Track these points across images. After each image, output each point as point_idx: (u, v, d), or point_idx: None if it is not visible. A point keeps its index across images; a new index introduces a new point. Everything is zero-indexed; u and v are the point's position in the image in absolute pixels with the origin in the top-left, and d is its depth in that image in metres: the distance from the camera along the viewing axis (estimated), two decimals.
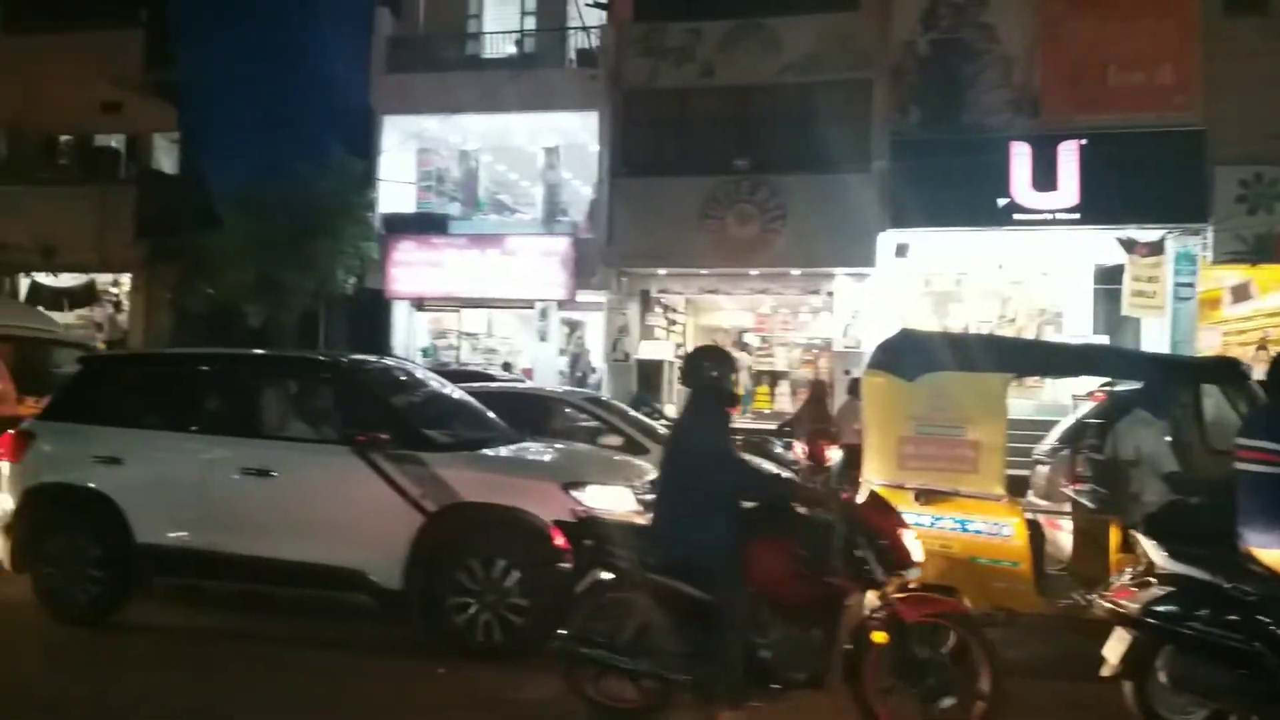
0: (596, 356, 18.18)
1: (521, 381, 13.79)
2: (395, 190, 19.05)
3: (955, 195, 14.81)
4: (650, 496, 5.50)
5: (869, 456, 6.41)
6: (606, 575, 4.90)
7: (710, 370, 4.95)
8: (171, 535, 6.50)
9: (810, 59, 16.51)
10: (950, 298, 17.28)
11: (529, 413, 8.78)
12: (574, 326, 18.96)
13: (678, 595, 4.63)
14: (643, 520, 5.23)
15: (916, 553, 4.64)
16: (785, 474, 7.22)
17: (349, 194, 17.99)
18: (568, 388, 14.28)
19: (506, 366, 17.11)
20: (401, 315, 19.16)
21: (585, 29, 17.79)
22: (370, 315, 19.09)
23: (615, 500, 6.07)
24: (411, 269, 18.47)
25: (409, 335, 19.17)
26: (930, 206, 14.81)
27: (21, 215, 20.68)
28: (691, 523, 4.64)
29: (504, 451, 6.68)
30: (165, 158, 22.88)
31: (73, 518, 6.73)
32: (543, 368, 17.97)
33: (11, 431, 7.07)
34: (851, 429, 9.03)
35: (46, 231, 20.59)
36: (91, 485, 6.65)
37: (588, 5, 17.35)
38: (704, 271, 17.40)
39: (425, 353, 18.82)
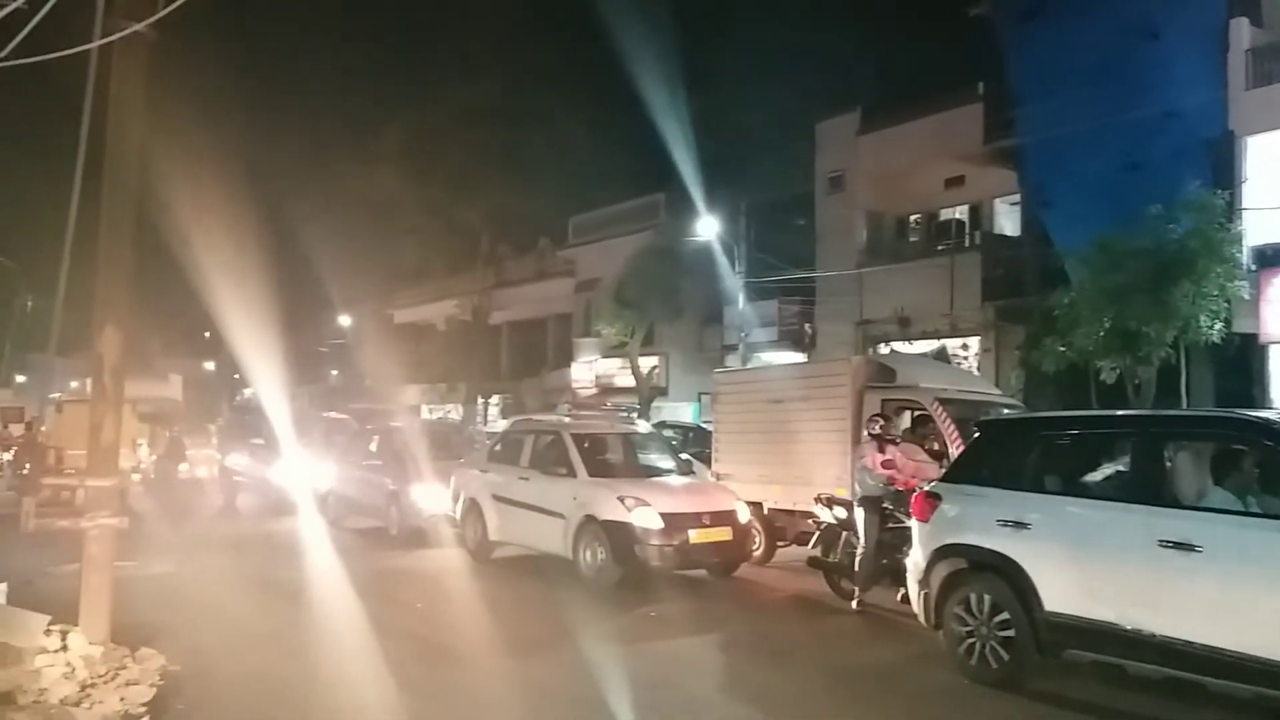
0: None
1: None
2: (1267, 219, 16.50)
3: None
4: None
5: None
6: None
7: None
8: (1084, 606, 6.11)
9: None
10: None
11: None
12: None
13: None
14: None
15: None
16: None
17: (1209, 230, 16.06)
18: None
19: None
20: None
21: None
22: (1241, 363, 16.76)
23: None
24: None
25: None
26: None
27: (881, 292, 23.27)
28: None
29: None
30: (1006, 221, 23.56)
31: (979, 580, 6.77)
32: None
33: (920, 492, 7.48)
34: None
35: (902, 304, 22.77)
36: (997, 549, 6.62)
37: None
38: None
39: None
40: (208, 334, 39.74)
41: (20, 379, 36.23)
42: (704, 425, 20.02)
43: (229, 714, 5.96)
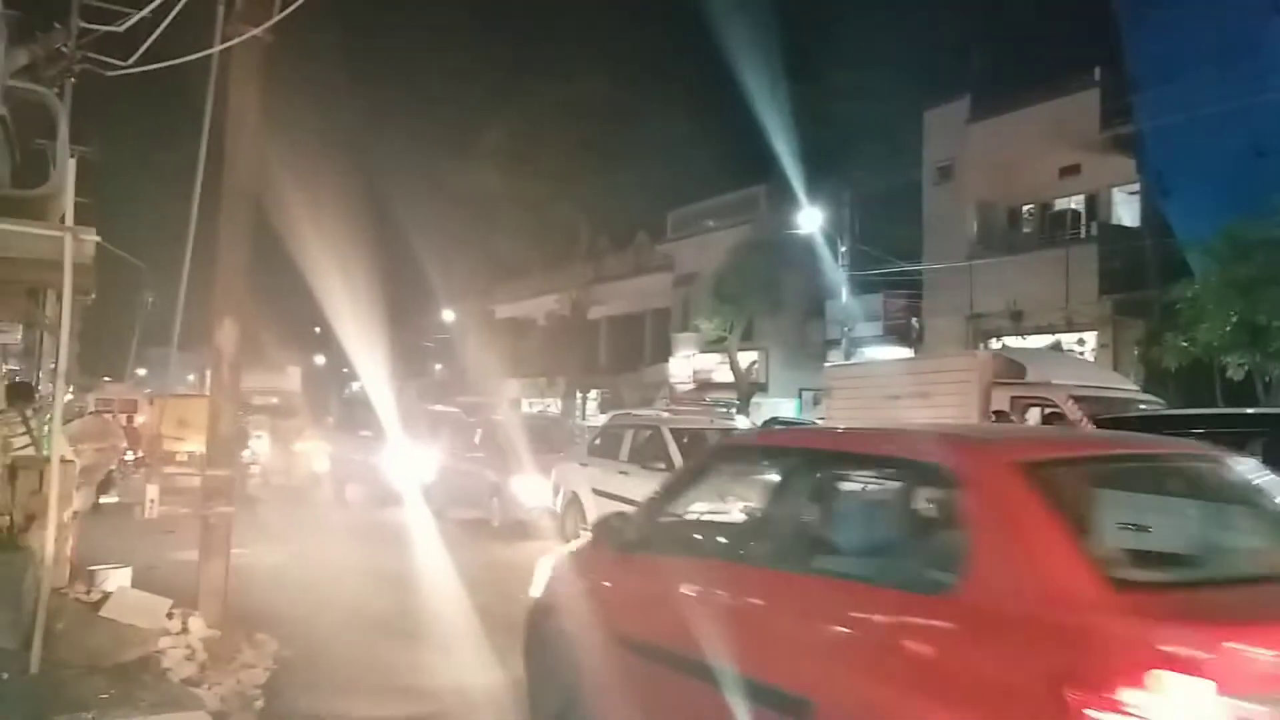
0: None
1: None
2: None
3: None
4: None
5: None
6: None
7: None
8: None
9: None
10: None
11: None
12: None
13: None
14: None
15: None
16: None
17: None
18: None
19: None
20: None
21: None
22: None
23: None
24: None
25: None
26: None
27: (993, 285, 22.55)
28: None
29: None
30: (1125, 211, 22.58)
31: None
32: None
33: None
34: None
35: (1015, 297, 22.03)
36: None
37: None
38: None
39: None
40: (318, 329, 41.02)
41: (141, 372, 37.91)
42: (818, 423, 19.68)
43: (339, 698, 6.09)
